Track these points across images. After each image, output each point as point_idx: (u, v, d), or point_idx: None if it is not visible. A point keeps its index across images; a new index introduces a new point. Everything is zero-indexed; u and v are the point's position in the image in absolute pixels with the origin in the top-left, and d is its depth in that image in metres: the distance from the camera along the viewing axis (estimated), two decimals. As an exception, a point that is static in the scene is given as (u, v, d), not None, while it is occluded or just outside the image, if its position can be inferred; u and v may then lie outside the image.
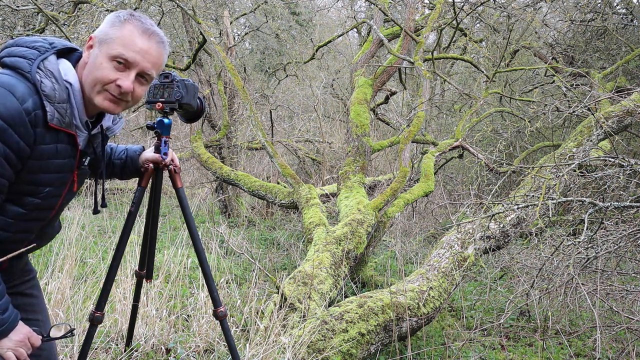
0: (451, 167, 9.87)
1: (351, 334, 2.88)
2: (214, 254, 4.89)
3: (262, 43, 13.21)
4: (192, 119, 2.08)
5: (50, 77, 1.45)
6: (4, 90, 1.37)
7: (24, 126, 1.38)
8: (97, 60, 1.49)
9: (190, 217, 2.12)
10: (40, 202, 1.52)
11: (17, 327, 1.50)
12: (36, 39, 1.50)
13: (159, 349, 2.92)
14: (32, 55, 1.46)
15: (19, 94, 1.38)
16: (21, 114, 1.37)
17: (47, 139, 1.45)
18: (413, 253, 6.05)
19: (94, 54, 1.50)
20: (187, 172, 10.14)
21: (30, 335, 1.53)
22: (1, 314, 1.44)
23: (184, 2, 6.04)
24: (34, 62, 1.44)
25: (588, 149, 4.82)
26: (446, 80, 6.83)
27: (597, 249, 3.51)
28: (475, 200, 4.31)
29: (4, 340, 1.47)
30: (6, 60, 1.46)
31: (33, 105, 1.40)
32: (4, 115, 1.35)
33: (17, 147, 1.38)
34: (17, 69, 1.44)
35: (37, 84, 1.42)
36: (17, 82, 1.40)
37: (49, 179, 1.51)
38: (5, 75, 1.41)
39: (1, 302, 1.44)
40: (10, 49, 1.48)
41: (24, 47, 1.48)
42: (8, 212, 1.47)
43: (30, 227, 1.56)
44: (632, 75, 7.57)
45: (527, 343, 4.01)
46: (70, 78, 1.49)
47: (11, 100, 1.36)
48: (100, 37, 1.50)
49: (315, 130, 10.25)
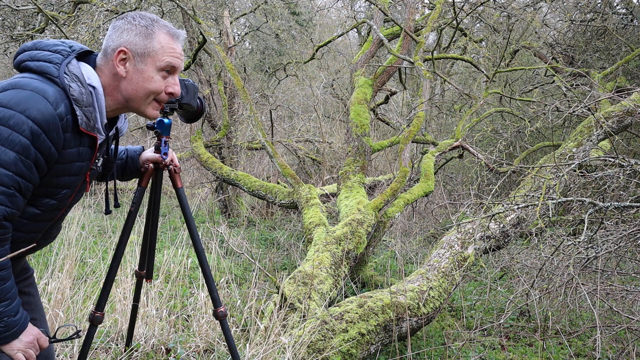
0: (451, 167, 9.86)
1: (351, 334, 2.88)
2: (214, 254, 4.89)
3: (262, 43, 13.20)
4: (192, 119, 2.08)
5: (76, 81, 1.46)
6: (37, 95, 1.37)
7: (56, 131, 1.40)
8: (145, 74, 1.53)
9: (190, 217, 2.12)
10: (56, 203, 1.54)
11: (27, 328, 1.50)
12: (56, 43, 1.51)
13: (159, 349, 2.92)
14: (57, 59, 1.46)
15: (52, 98, 1.39)
16: (55, 119, 1.39)
17: (72, 142, 1.47)
18: (413, 253, 6.05)
19: (138, 68, 1.53)
20: (187, 172, 10.14)
21: (39, 336, 1.54)
22: (14, 316, 1.45)
23: (184, 2, 6.04)
24: (61, 67, 1.45)
25: (588, 149, 4.82)
26: (446, 80, 6.82)
27: (597, 249, 3.51)
28: (475, 200, 4.31)
29: (14, 341, 1.47)
30: (30, 64, 1.46)
31: (65, 110, 1.42)
32: (39, 120, 1.36)
33: (48, 152, 1.40)
34: (45, 73, 1.44)
35: (66, 88, 1.43)
36: (48, 87, 1.41)
37: (68, 181, 1.52)
38: (35, 80, 1.41)
39: (14, 304, 1.45)
40: (31, 53, 1.48)
41: (46, 51, 1.48)
42: (24, 213, 1.48)
43: (41, 227, 1.57)
44: (632, 75, 7.57)
45: (527, 343, 4.01)
46: (94, 82, 1.50)
47: (45, 105, 1.37)
48: (139, 51, 1.52)
49: (315, 130, 10.25)
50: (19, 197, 1.39)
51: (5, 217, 1.36)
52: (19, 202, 1.39)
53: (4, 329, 1.43)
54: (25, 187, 1.39)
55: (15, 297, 1.45)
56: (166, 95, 1.59)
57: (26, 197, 1.42)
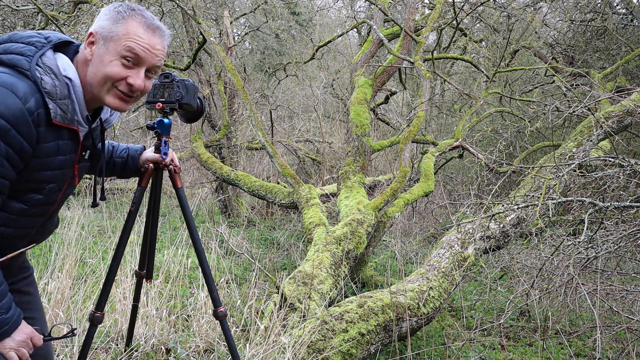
0: (451, 167, 9.86)
1: (351, 334, 2.88)
2: (214, 254, 4.89)
3: (262, 43, 13.20)
4: (192, 119, 2.08)
5: (50, 73, 1.42)
6: (5, 90, 1.34)
7: (27, 126, 1.36)
8: (104, 58, 1.47)
9: (190, 217, 2.11)
10: (43, 197, 1.51)
11: (20, 326, 1.48)
12: (31, 34, 1.47)
13: (159, 349, 2.92)
14: (30, 51, 1.43)
15: (21, 93, 1.36)
16: (24, 114, 1.35)
17: (49, 136, 1.44)
18: (413, 253, 6.05)
19: (99, 51, 1.48)
20: (187, 172, 10.14)
21: (33, 335, 1.52)
22: (4, 313, 1.43)
23: (184, 2, 6.04)
24: (32, 59, 1.41)
25: (588, 149, 4.82)
26: (446, 80, 6.82)
27: (597, 249, 3.51)
28: (475, 200, 4.31)
29: (6, 340, 1.45)
30: (2, 57, 1.42)
31: (35, 104, 1.38)
32: (6, 116, 1.33)
33: (19, 148, 1.37)
34: (16, 67, 1.40)
35: (37, 81, 1.40)
36: (17, 80, 1.38)
37: (51, 176, 1.50)
38: (4, 74, 1.38)
39: (4, 301, 1.43)
40: (5, 45, 1.45)
41: (19, 43, 1.44)
42: (10, 208, 1.46)
43: (32, 222, 1.55)
44: (632, 75, 7.57)
45: (527, 343, 4.01)
46: (70, 74, 1.46)
47: (13, 100, 1.34)
48: (104, 33, 1.47)
49: (315, 130, 10.25)
50: None
51: None
52: None
53: None
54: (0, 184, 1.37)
55: (6, 295, 1.43)
56: (126, 85, 1.50)
57: (3, 193, 1.40)
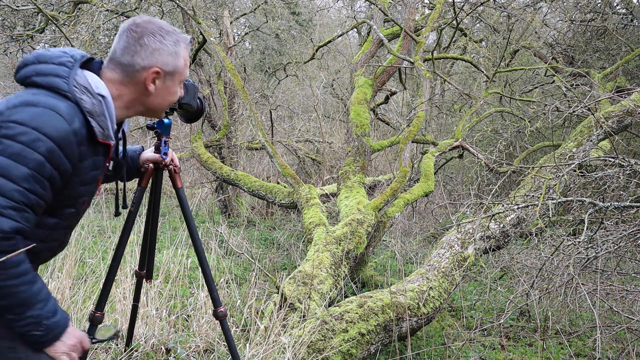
0: (451, 167, 9.86)
1: (351, 334, 2.88)
2: (214, 254, 4.89)
3: (262, 43, 13.19)
4: (192, 119, 2.08)
5: (86, 92, 1.45)
6: (51, 112, 1.36)
7: (72, 147, 1.39)
8: (172, 89, 1.62)
9: (190, 217, 2.12)
10: (74, 211, 1.55)
11: (70, 329, 1.47)
12: (59, 54, 1.48)
13: (159, 349, 2.92)
14: (64, 72, 1.44)
15: (66, 114, 1.38)
16: (70, 135, 1.38)
17: (88, 154, 1.48)
18: (413, 253, 6.05)
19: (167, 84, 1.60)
20: (187, 172, 10.13)
21: (83, 338, 1.50)
22: (52, 317, 1.41)
23: (184, 2, 6.04)
24: (69, 80, 1.43)
25: (588, 149, 4.82)
26: (446, 80, 6.82)
27: (597, 249, 3.51)
28: (475, 200, 4.31)
29: (57, 343, 1.43)
30: (37, 80, 1.43)
31: (80, 124, 1.42)
32: (55, 137, 1.35)
33: (64, 169, 1.39)
34: (55, 89, 1.42)
35: (78, 102, 1.43)
36: (59, 102, 1.40)
37: (85, 190, 1.54)
38: (46, 96, 1.39)
39: (49, 305, 1.41)
40: (36, 68, 1.44)
41: (49, 63, 1.45)
42: (46, 224, 1.48)
43: (62, 235, 1.58)
44: (632, 75, 7.57)
45: (527, 343, 4.01)
46: (103, 91, 1.49)
47: (60, 122, 1.37)
48: (169, 70, 1.58)
49: (315, 130, 10.25)
50: (30, 214, 1.36)
51: (15, 231, 1.32)
52: (29, 218, 1.36)
53: (44, 331, 1.40)
54: (37, 204, 1.37)
55: (49, 298, 1.42)
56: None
57: (37, 214, 1.39)
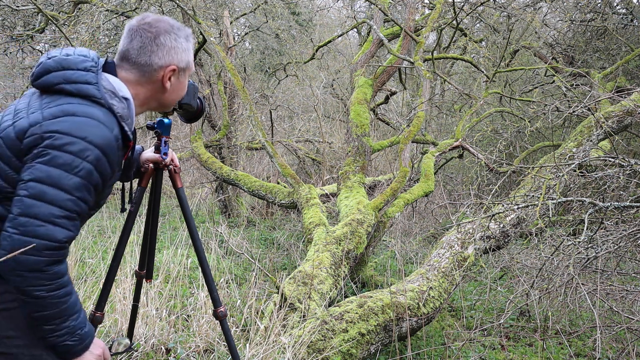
0: (451, 167, 9.86)
1: (351, 334, 2.88)
2: (214, 254, 4.89)
3: (262, 43, 13.19)
4: (192, 119, 2.08)
5: (113, 97, 1.46)
6: (93, 121, 1.37)
7: (114, 153, 1.42)
8: (182, 84, 1.68)
9: (190, 217, 2.11)
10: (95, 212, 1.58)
11: (95, 340, 1.53)
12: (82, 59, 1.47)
13: (159, 349, 2.92)
14: (93, 78, 1.44)
15: (106, 121, 1.40)
16: (112, 142, 1.41)
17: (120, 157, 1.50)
18: (413, 253, 6.05)
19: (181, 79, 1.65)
20: (187, 172, 10.13)
21: (105, 349, 1.57)
22: (84, 327, 1.46)
23: (184, 2, 6.04)
24: (99, 86, 1.43)
25: (588, 149, 4.82)
26: (446, 80, 6.82)
27: (597, 249, 3.51)
28: (475, 200, 4.31)
29: (86, 354, 1.49)
30: (67, 87, 1.41)
31: (118, 130, 1.44)
32: (101, 145, 1.37)
33: (106, 174, 1.42)
34: (88, 96, 1.41)
35: (112, 107, 1.44)
36: (95, 109, 1.40)
37: (108, 192, 1.56)
38: (81, 105, 1.39)
39: (82, 316, 1.46)
40: (62, 74, 1.42)
41: (76, 69, 1.44)
42: None
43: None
44: (632, 75, 7.57)
45: (527, 343, 4.01)
46: (126, 93, 1.50)
47: (103, 130, 1.38)
48: (182, 66, 1.63)
49: (315, 130, 10.25)
50: (79, 221, 1.40)
51: (68, 241, 1.37)
52: (79, 225, 1.41)
53: (77, 342, 1.45)
54: (84, 211, 1.40)
55: (81, 309, 1.46)
56: None
57: (84, 220, 1.45)
